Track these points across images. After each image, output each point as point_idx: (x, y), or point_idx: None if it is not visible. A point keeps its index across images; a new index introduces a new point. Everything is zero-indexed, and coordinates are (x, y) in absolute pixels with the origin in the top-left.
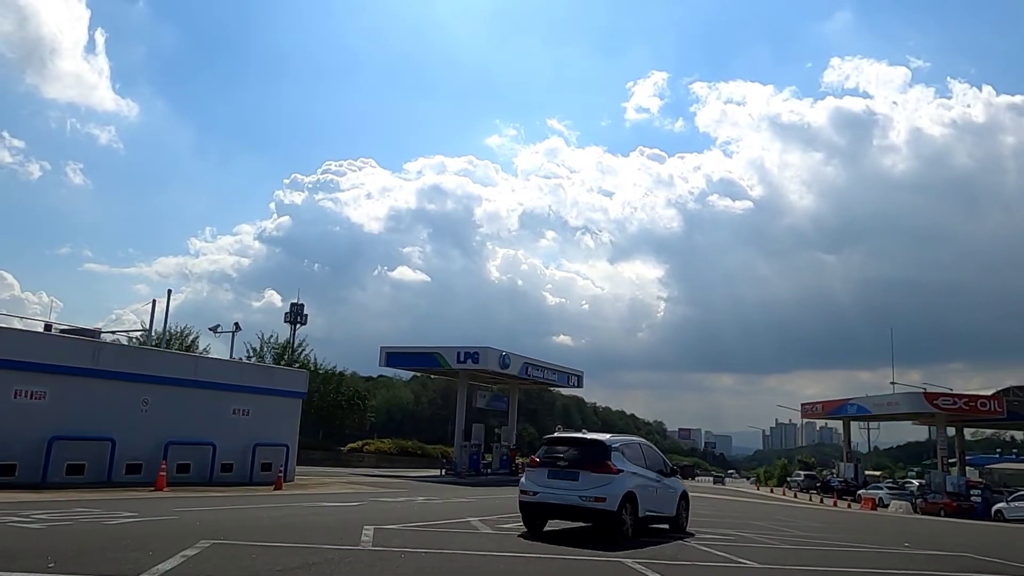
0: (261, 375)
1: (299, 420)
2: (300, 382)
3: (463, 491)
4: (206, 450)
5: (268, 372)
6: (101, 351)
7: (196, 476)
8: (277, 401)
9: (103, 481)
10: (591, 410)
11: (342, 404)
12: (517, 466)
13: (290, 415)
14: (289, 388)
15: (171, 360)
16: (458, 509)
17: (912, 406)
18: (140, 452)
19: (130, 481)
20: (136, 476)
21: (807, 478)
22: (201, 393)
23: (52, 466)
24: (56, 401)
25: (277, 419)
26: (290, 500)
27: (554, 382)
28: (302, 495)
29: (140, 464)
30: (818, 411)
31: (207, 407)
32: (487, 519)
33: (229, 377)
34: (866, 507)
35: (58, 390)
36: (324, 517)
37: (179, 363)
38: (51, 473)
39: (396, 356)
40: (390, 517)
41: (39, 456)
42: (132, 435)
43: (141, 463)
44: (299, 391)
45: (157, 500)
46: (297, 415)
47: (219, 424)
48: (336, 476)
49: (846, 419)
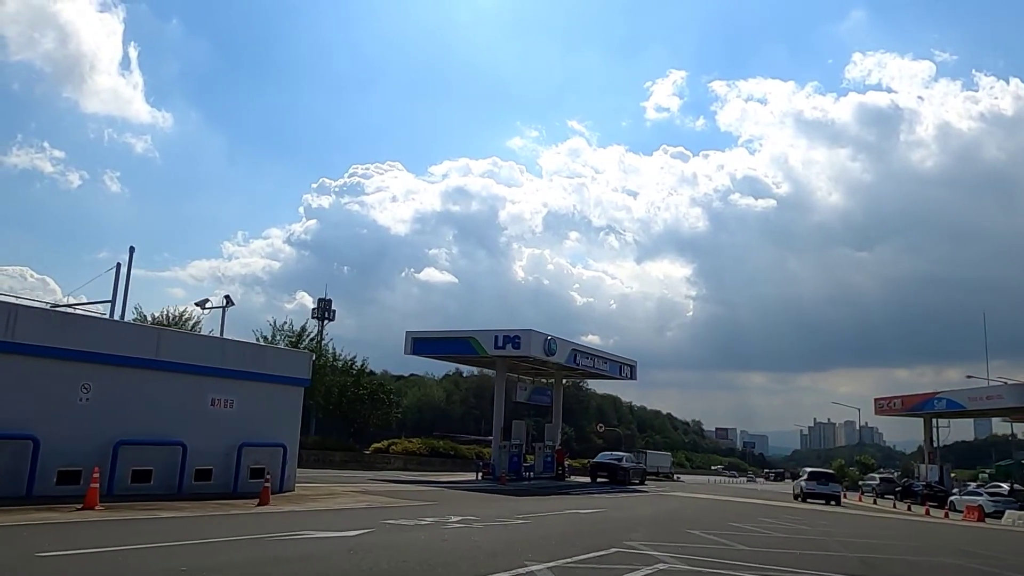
0: (250, 355)
1: (300, 413)
2: (301, 366)
3: (505, 503)
4: (173, 452)
5: (259, 352)
6: (17, 317)
7: (160, 486)
8: (271, 389)
9: (20, 496)
10: (627, 409)
11: (364, 399)
12: (564, 469)
13: (288, 407)
14: (286, 373)
15: (123, 333)
16: (508, 542)
17: (1019, 399)
18: (78, 455)
19: (63, 494)
20: (73, 487)
21: (884, 482)
22: (167, 378)
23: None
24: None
25: (271, 412)
26: (267, 525)
27: (604, 372)
28: (292, 514)
29: (79, 471)
30: (896, 407)
31: (175, 396)
32: (559, 567)
33: (206, 357)
34: (970, 518)
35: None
36: (288, 569)
37: (135, 337)
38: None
39: (424, 343)
40: (400, 570)
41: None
42: (65, 433)
43: (80, 469)
44: (300, 377)
45: (62, 527)
46: (298, 408)
47: (192, 418)
48: (353, 482)
49: (927, 415)
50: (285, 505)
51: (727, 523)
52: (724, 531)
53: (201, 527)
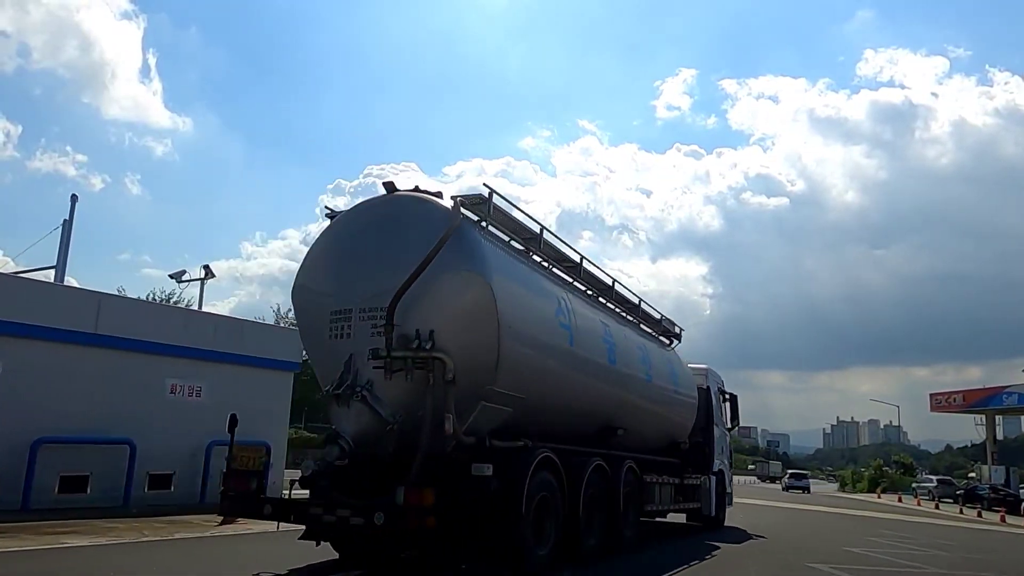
0: (223, 332)
1: (289, 404)
2: (289, 346)
3: None
4: (118, 453)
5: (234, 328)
6: None
7: (101, 496)
8: (251, 375)
9: None
10: None
11: None
12: None
13: (273, 397)
14: (271, 355)
15: (49, 297)
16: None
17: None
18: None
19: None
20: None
21: (941, 484)
22: (111, 357)
23: None
24: None
25: (251, 403)
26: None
27: None
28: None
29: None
30: (956, 402)
31: (121, 381)
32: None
33: (164, 332)
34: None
35: None
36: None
37: (66, 303)
38: None
39: None
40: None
41: None
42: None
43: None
44: (288, 360)
45: None
46: (286, 397)
47: (144, 410)
48: None
49: (991, 412)
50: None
51: (840, 547)
52: (858, 564)
53: (109, 560)
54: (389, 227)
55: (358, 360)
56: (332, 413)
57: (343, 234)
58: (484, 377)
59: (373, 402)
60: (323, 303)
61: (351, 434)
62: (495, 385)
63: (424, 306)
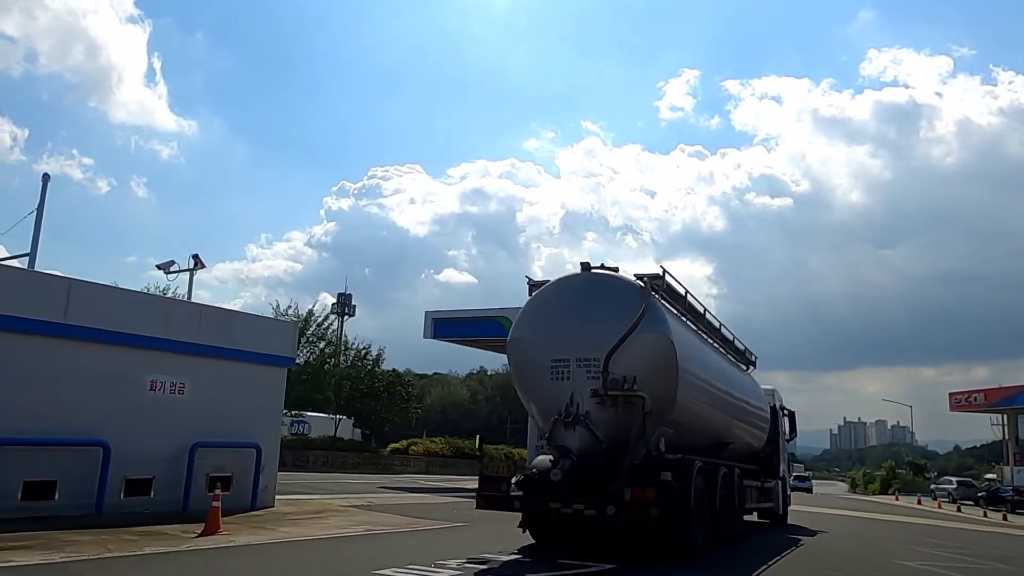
0: (209, 323)
1: (281, 403)
2: (283, 341)
3: None
4: (90, 456)
5: (222, 319)
6: None
7: (71, 504)
8: (240, 370)
9: None
10: None
11: (379, 392)
12: None
13: (264, 395)
14: (262, 349)
15: (12, 282)
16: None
17: None
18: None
19: None
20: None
21: (961, 486)
22: (82, 350)
23: None
24: None
25: (239, 401)
26: None
27: None
28: (242, 552)
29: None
30: (978, 401)
31: (94, 377)
32: None
33: (143, 322)
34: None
35: None
36: None
37: (31, 289)
38: None
39: (447, 324)
40: None
41: None
42: None
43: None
44: (281, 355)
45: None
46: (278, 395)
47: (120, 408)
48: (360, 492)
49: (1012, 411)
50: (243, 534)
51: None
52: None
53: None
54: (595, 296)
55: (578, 396)
56: (558, 435)
57: (552, 300)
58: (665, 408)
59: (592, 427)
60: (543, 353)
61: (577, 450)
62: (672, 415)
63: (627, 357)
